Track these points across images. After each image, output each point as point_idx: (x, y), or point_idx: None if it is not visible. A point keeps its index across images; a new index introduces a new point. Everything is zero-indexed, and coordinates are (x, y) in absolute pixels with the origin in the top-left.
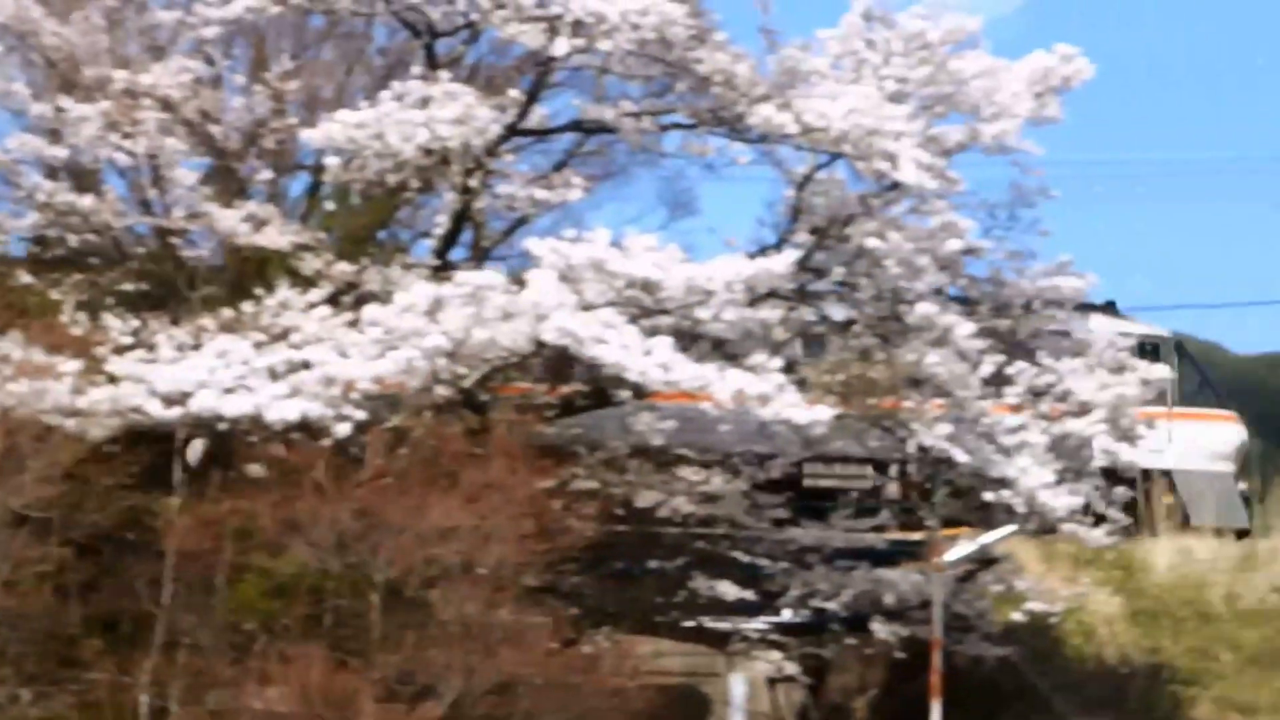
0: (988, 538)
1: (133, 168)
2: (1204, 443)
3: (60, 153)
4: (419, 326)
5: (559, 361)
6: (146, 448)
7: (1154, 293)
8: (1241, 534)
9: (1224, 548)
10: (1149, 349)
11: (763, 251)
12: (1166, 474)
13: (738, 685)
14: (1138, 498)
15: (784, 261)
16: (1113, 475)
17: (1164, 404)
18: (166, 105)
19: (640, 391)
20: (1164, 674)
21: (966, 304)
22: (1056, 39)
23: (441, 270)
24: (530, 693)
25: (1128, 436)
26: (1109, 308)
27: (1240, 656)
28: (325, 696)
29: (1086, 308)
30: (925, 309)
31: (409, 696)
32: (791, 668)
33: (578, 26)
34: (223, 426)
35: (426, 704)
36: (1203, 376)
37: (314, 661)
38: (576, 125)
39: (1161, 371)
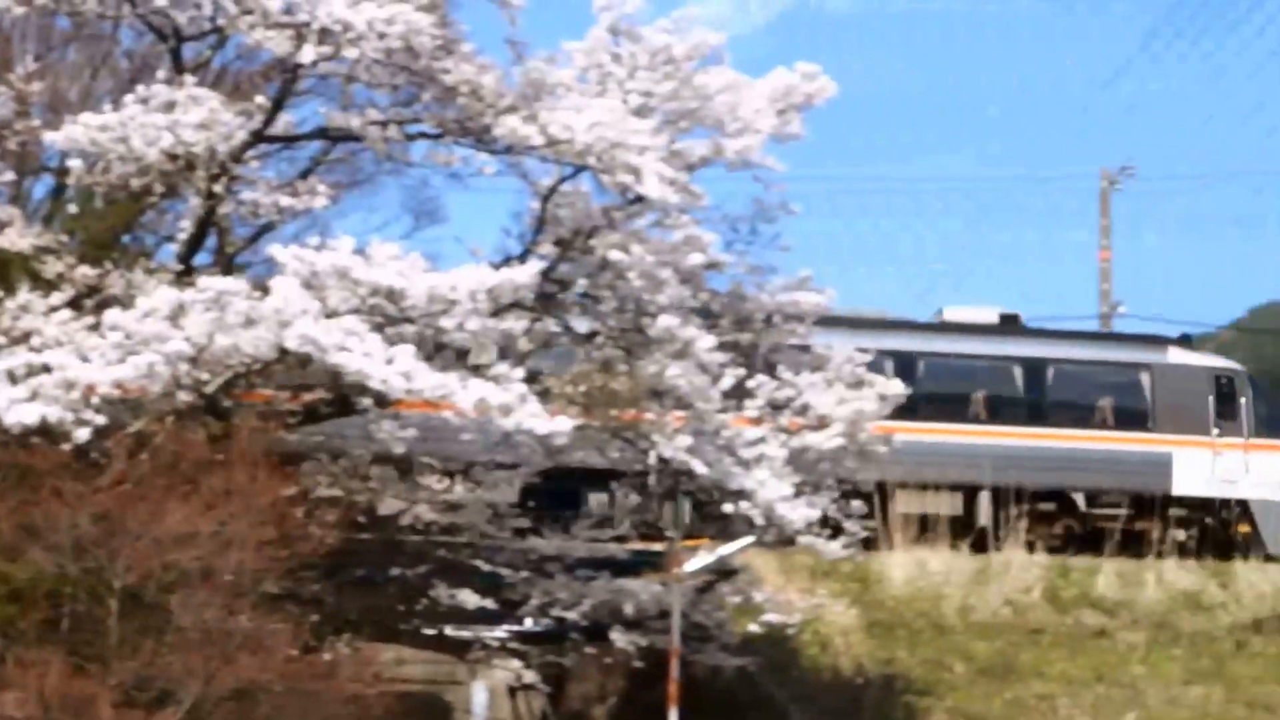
0: (726, 549)
1: None
2: (1278, 473)
3: None
4: (161, 331)
5: (302, 368)
6: None
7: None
8: None
9: (958, 560)
10: (1224, 381)
11: (507, 262)
12: (1242, 503)
13: (479, 693)
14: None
15: (528, 272)
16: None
17: (1240, 435)
18: None
19: (383, 400)
20: (899, 685)
21: (708, 317)
22: (799, 59)
23: (185, 275)
24: (269, 699)
25: (865, 451)
26: (1184, 340)
27: (973, 668)
28: (62, 702)
29: (1163, 341)
30: (667, 322)
31: (147, 702)
32: (532, 676)
33: (324, 34)
34: None
35: (165, 710)
36: (1274, 408)
37: (51, 667)
38: (323, 133)
39: (898, 387)
